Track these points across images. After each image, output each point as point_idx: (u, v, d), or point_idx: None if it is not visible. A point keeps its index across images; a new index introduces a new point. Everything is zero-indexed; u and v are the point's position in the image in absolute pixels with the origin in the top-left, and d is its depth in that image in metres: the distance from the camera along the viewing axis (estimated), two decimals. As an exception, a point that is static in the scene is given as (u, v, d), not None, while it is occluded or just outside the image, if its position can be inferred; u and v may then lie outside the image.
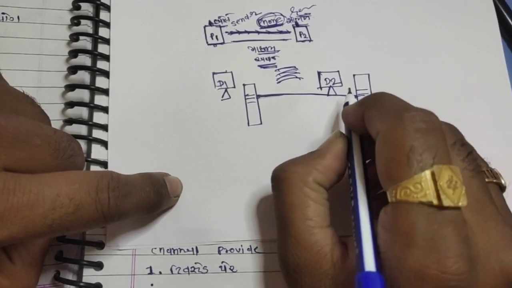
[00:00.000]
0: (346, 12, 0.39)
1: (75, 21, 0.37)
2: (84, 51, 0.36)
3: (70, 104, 0.35)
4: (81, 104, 0.35)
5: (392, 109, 0.24)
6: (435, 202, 0.21)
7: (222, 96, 0.36)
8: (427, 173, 0.21)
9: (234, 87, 0.36)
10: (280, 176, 0.27)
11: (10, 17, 0.37)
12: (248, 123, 0.36)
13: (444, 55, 0.38)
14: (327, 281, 0.24)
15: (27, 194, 0.20)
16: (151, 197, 0.28)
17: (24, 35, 0.37)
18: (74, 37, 0.37)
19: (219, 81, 0.36)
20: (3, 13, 0.37)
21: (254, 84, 0.36)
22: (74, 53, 0.37)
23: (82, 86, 0.35)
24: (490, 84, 0.38)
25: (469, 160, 0.25)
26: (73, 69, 0.36)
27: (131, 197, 0.26)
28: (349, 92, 0.35)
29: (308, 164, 0.27)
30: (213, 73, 0.37)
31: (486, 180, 0.26)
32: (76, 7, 0.38)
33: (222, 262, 0.33)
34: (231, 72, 0.37)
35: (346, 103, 0.33)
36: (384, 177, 0.23)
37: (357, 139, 0.28)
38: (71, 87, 0.36)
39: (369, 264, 0.22)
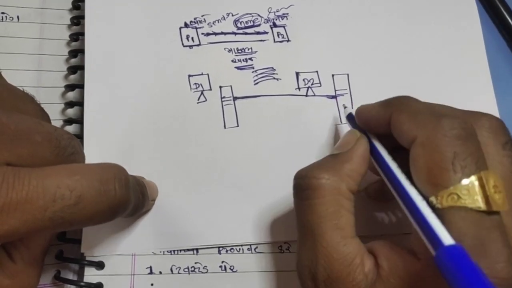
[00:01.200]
0: (325, 12, 0.38)
1: (75, 21, 0.37)
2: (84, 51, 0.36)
3: (70, 104, 0.35)
4: (81, 104, 0.35)
5: (427, 114, 0.24)
6: (483, 207, 0.21)
7: (198, 99, 0.35)
8: (474, 179, 0.21)
9: (211, 89, 0.36)
10: (311, 184, 0.26)
11: (10, 17, 0.37)
12: (225, 126, 0.35)
13: (424, 54, 0.38)
14: None
15: (27, 187, 0.20)
16: (140, 197, 0.28)
17: (24, 35, 0.37)
18: (74, 37, 0.37)
19: (195, 83, 0.36)
20: (3, 13, 0.37)
21: (231, 86, 0.36)
22: (74, 53, 0.37)
23: (82, 86, 0.35)
24: (473, 83, 0.38)
25: None
26: (73, 69, 0.36)
27: (133, 192, 0.26)
28: (345, 107, 0.34)
29: (338, 170, 0.26)
30: (189, 76, 0.36)
31: None
32: (76, 7, 0.38)
33: (222, 262, 0.33)
34: (207, 74, 0.36)
35: (349, 115, 0.32)
36: (426, 184, 0.23)
37: (376, 139, 0.28)
38: (71, 87, 0.36)
39: (447, 238, 0.20)
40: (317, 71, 0.37)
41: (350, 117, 0.32)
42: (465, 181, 0.21)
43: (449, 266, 0.19)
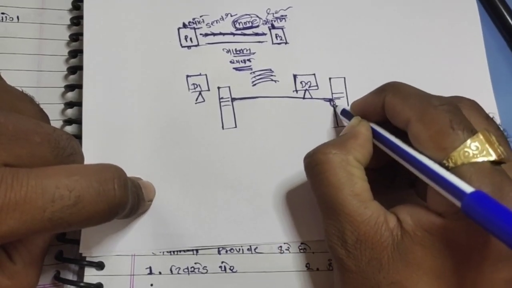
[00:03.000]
0: (323, 15, 0.38)
1: (75, 21, 0.37)
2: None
3: (70, 104, 0.35)
4: (81, 104, 0.35)
5: (416, 95, 0.27)
6: (495, 157, 0.23)
7: (196, 99, 0.35)
8: (480, 135, 0.24)
9: (209, 90, 0.36)
10: (320, 159, 0.28)
11: (10, 17, 0.37)
12: (223, 127, 0.35)
13: (423, 55, 0.38)
14: (388, 249, 0.25)
15: (25, 187, 0.20)
16: (136, 198, 0.28)
17: (23, 35, 0.37)
18: (74, 37, 0.37)
19: (193, 84, 0.36)
20: (2, 13, 0.37)
21: (229, 87, 0.36)
22: (73, 53, 0.37)
23: (81, 86, 0.35)
24: (472, 84, 0.38)
25: (499, 131, 0.27)
26: (72, 69, 0.36)
27: (131, 193, 0.26)
28: (336, 105, 0.36)
29: (344, 145, 0.28)
30: (187, 76, 0.36)
31: None
32: (76, 7, 0.38)
33: (222, 262, 0.33)
34: (206, 74, 0.36)
35: (343, 110, 0.34)
36: (435, 151, 0.25)
37: (375, 124, 0.30)
38: (70, 87, 0.36)
39: (467, 187, 0.21)
40: (314, 74, 0.37)
41: (344, 112, 0.34)
42: (472, 138, 0.24)
43: (478, 211, 0.20)
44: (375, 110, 0.29)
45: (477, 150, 0.23)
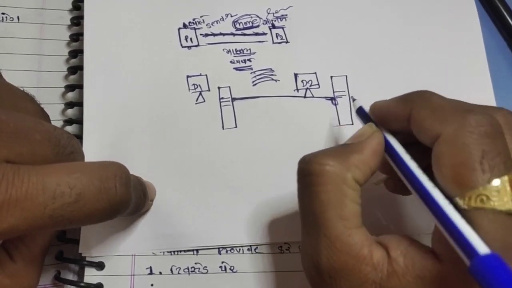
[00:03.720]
0: (323, 14, 0.38)
1: (75, 21, 0.37)
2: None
3: (70, 104, 0.35)
4: (81, 104, 0.35)
5: (451, 109, 0.23)
6: None
7: (197, 100, 0.35)
8: (505, 180, 0.21)
9: (209, 90, 0.36)
10: (314, 170, 0.24)
11: (10, 17, 0.37)
12: (223, 127, 0.35)
13: (423, 54, 0.38)
14: (368, 286, 0.22)
15: (26, 184, 0.20)
16: (141, 196, 0.28)
17: (24, 35, 0.37)
18: (74, 37, 0.37)
19: (194, 84, 0.36)
20: (3, 13, 0.37)
21: (229, 87, 0.36)
22: (74, 54, 0.37)
23: (82, 86, 0.35)
24: (472, 84, 0.37)
25: None
26: (73, 70, 0.36)
27: (134, 191, 0.26)
28: (354, 99, 0.33)
29: (345, 158, 0.24)
30: (187, 76, 0.36)
31: None
32: (76, 7, 0.38)
33: (222, 262, 0.33)
34: (206, 75, 0.36)
35: (360, 108, 0.31)
36: (451, 183, 0.22)
37: (392, 136, 0.27)
38: (71, 88, 0.36)
39: (481, 246, 0.19)
40: (315, 73, 0.37)
41: (360, 112, 0.30)
42: (495, 182, 0.20)
43: (487, 277, 0.18)
44: (397, 120, 0.26)
45: (497, 195, 0.20)
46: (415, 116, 0.24)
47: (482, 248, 0.19)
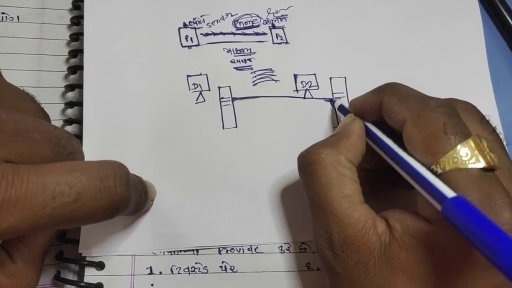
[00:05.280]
0: (323, 15, 0.38)
1: (75, 21, 0.37)
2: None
3: (70, 104, 0.35)
4: (81, 104, 0.35)
5: (414, 96, 0.27)
6: (484, 164, 0.23)
7: (197, 99, 0.35)
8: (470, 141, 0.23)
9: (209, 90, 0.36)
10: (312, 159, 0.28)
11: (10, 17, 0.37)
12: (223, 126, 0.35)
13: (423, 55, 0.38)
14: (375, 254, 0.25)
15: (26, 183, 0.20)
16: (142, 195, 0.28)
17: (24, 35, 0.37)
18: (74, 37, 0.37)
19: (194, 83, 0.36)
20: (3, 13, 0.37)
21: (230, 86, 0.36)
22: (74, 53, 0.37)
23: (82, 86, 0.35)
24: (472, 84, 0.38)
25: (495, 134, 0.27)
26: (73, 69, 0.36)
27: (134, 190, 0.26)
28: (335, 100, 0.36)
29: (336, 145, 0.28)
30: (188, 76, 0.36)
31: None
32: (76, 7, 0.38)
33: (223, 262, 0.33)
34: (206, 74, 0.36)
35: (340, 106, 0.34)
36: (425, 155, 0.24)
37: (370, 123, 0.30)
38: (71, 87, 0.36)
39: (449, 192, 0.22)
40: (315, 74, 0.37)
41: (341, 108, 0.34)
42: (462, 144, 0.23)
43: (457, 216, 0.20)
44: (372, 109, 0.29)
45: (467, 156, 0.23)
46: (385, 103, 0.28)
47: (449, 193, 0.21)
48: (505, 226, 0.21)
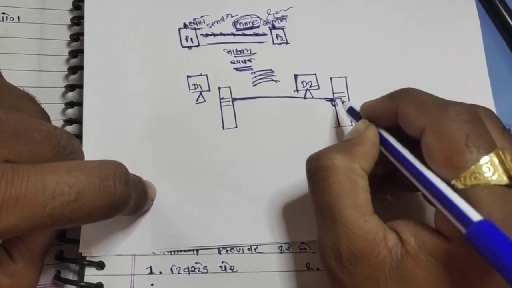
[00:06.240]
0: (323, 15, 0.38)
1: (75, 21, 0.37)
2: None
3: (70, 104, 0.35)
4: (81, 104, 0.35)
5: (433, 103, 0.25)
6: (507, 181, 0.22)
7: (197, 100, 0.35)
8: (493, 155, 0.22)
9: (209, 90, 0.36)
10: (324, 164, 0.26)
11: (10, 17, 0.37)
12: (223, 127, 0.35)
13: (422, 55, 0.38)
14: (386, 268, 0.24)
15: (25, 183, 0.20)
16: (142, 195, 0.28)
17: (24, 35, 0.37)
18: (74, 37, 0.37)
19: (194, 84, 0.36)
20: (3, 13, 0.37)
21: (230, 87, 0.36)
22: (74, 53, 0.37)
23: (82, 86, 0.35)
24: (471, 84, 0.38)
25: None
26: (73, 69, 0.36)
27: (134, 189, 0.26)
28: (343, 102, 0.35)
29: (350, 151, 0.26)
30: (188, 76, 0.36)
31: None
32: (76, 7, 0.38)
33: (223, 262, 0.33)
34: (206, 75, 0.36)
35: (350, 108, 0.33)
36: (444, 168, 0.23)
37: (384, 130, 0.29)
38: (71, 87, 0.36)
39: (475, 215, 0.20)
40: (315, 74, 0.37)
41: (351, 111, 0.32)
42: (484, 159, 0.22)
43: (482, 242, 0.19)
44: (386, 116, 0.28)
45: (490, 172, 0.22)
46: (402, 111, 0.26)
47: (475, 216, 0.20)
48: None
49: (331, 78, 0.37)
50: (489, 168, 0.22)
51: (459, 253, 0.22)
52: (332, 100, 0.36)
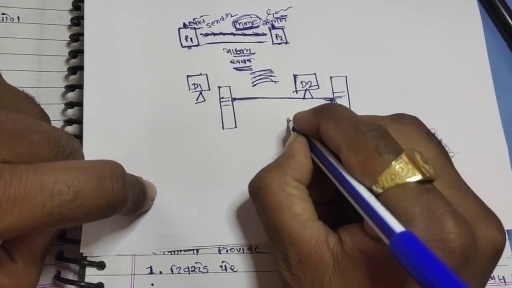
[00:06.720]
0: (323, 14, 0.38)
1: (75, 21, 0.37)
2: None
3: (70, 105, 0.35)
4: (81, 104, 0.35)
5: (348, 121, 0.26)
6: (420, 177, 0.23)
7: (197, 99, 0.35)
8: (404, 156, 0.24)
9: (209, 89, 0.36)
10: (258, 185, 0.28)
11: (10, 18, 0.37)
12: (223, 127, 0.35)
13: (423, 56, 0.38)
14: (330, 270, 0.25)
15: (24, 183, 0.20)
16: (140, 194, 0.28)
17: (24, 35, 0.37)
18: (74, 37, 0.37)
19: (194, 83, 0.36)
20: (3, 14, 0.37)
21: (229, 86, 0.36)
22: (74, 54, 0.37)
23: (82, 86, 0.35)
24: (473, 84, 0.38)
25: (440, 146, 0.27)
26: (73, 70, 0.36)
27: (131, 189, 0.26)
28: (289, 120, 0.35)
29: (281, 166, 0.28)
30: (188, 76, 0.36)
31: None
32: (76, 7, 0.38)
33: (223, 261, 0.33)
34: (206, 74, 0.36)
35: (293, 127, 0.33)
36: (364, 175, 0.24)
37: (315, 140, 0.29)
38: (71, 88, 0.36)
39: (397, 225, 0.21)
40: (315, 74, 0.37)
41: (294, 128, 0.33)
42: (396, 161, 0.23)
43: (403, 253, 0.20)
44: (311, 130, 0.29)
45: (402, 171, 0.23)
46: (322, 127, 0.28)
47: (398, 228, 0.21)
48: (451, 235, 0.21)
49: (331, 77, 0.37)
50: (402, 168, 0.23)
51: (386, 252, 0.23)
52: (332, 99, 0.36)
